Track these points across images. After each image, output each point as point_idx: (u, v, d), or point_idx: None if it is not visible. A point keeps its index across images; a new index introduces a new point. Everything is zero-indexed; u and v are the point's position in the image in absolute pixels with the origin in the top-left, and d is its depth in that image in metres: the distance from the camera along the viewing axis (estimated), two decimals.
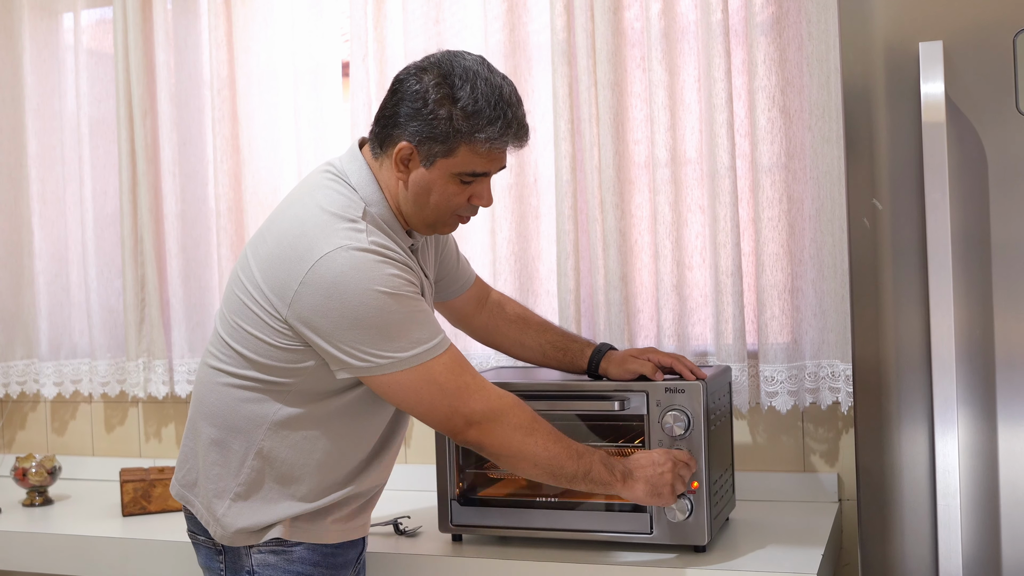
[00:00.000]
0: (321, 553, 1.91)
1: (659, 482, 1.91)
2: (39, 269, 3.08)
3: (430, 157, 1.81)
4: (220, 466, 1.89)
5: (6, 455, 3.21)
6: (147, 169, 2.90)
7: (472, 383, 1.81)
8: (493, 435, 1.81)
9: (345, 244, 1.74)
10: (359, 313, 1.72)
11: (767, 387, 2.42)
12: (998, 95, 1.73)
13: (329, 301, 1.73)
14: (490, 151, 1.81)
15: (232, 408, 1.87)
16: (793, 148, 2.41)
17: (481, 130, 1.78)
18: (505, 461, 1.85)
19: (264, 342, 1.81)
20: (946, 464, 1.73)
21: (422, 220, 1.87)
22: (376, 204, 1.84)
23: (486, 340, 2.28)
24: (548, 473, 1.85)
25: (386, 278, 1.74)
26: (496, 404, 1.81)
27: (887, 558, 1.82)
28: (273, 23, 2.87)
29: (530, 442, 1.82)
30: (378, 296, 1.73)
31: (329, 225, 1.77)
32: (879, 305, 1.81)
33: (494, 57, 2.61)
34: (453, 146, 1.79)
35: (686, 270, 2.49)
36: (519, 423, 1.82)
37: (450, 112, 1.78)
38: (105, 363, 3.00)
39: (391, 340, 1.75)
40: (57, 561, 2.42)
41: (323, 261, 1.73)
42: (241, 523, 1.87)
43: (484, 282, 2.28)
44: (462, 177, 1.83)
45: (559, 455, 1.83)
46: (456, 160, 1.81)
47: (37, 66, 3.07)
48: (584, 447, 1.87)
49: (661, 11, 2.45)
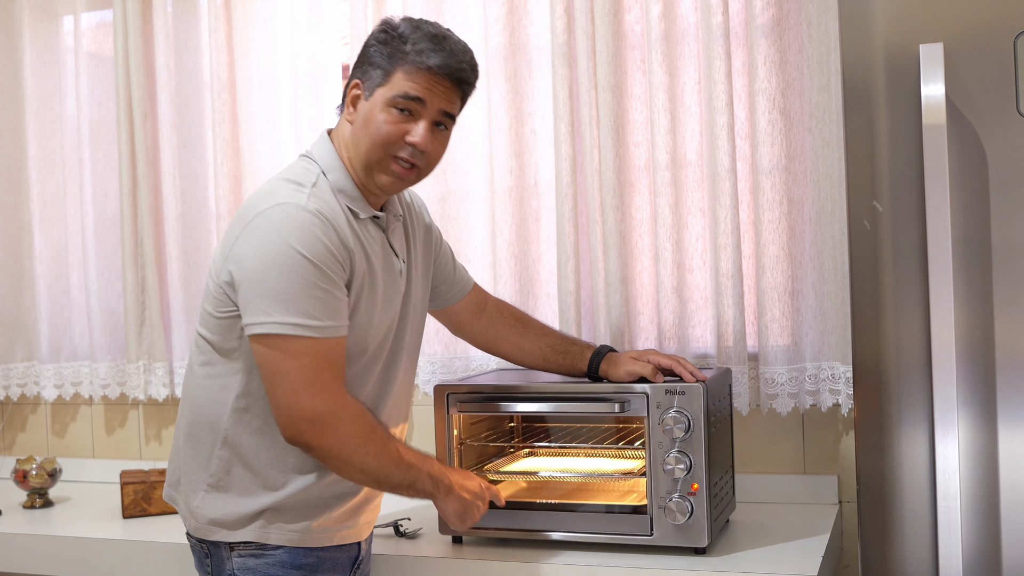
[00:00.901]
0: (303, 557, 1.89)
1: (469, 510, 1.94)
2: (39, 272, 3.08)
3: (370, 88, 1.86)
4: (193, 459, 1.91)
5: (6, 457, 3.21)
6: (147, 172, 2.91)
7: (330, 382, 1.78)
8: (323, 438, 1.77)
9: (285, 201, 1.79)
10: (269, 264, 1.75)
11: (767, 389, 2.42)
12: (999, 97, 1.73)
13: (251, 249, 1.77)
14: (420, 72, 1.83)
15: (199, 397, 1.90)
16: (793, 150, 2.41)
17: (412, 45, 1.83)
18: (332, 464, 1.82)
19: (213, 316, 1.86)
20: (946, 466, 1.73)
21: (363, 161, 1.88)
22: (335, 171, 1.89)
23: (486, 346, 2.28)
24: (373, 480, 1.84)
25: (309, 241, 1.76)
26: (340, 410, 1.77)
27: (887, 560, 1.82)
28: (273, 26, 2.87)
29: (362, 451, 1.79)
30: (291, 253, 1.74)
31: (278, 188, 1.84)
32: (879, 307, 1.81)
33: (494, 59, 2.61)
34: (389, 70, 1.84)
35: (686, 272, 2.49)
36: (357, 431, 1.79)
37: (387, 38, 1.86)
38: (105, 365, 3.00)
39: (283, 300, 1.75)
40: (57, 563, 2.41)
41: (262, 215, 1.78)
42: (213, 514, 1.88)
43: (482, 289, 2.28)
44: (396, 102, 1.84)
45: (387, 465, 1.81)
46: (391, 86, 1.84)
47: (37, 69, 3.07)
48: (417, 457, 1.86)
49: (661, 13, 2.45)
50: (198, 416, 1.90)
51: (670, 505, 2.00)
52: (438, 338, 2.70)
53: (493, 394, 2.15)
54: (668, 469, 2.00)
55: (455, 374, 2.67)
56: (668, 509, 2.00)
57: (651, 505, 2.03)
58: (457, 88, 1.89)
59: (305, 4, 2.83)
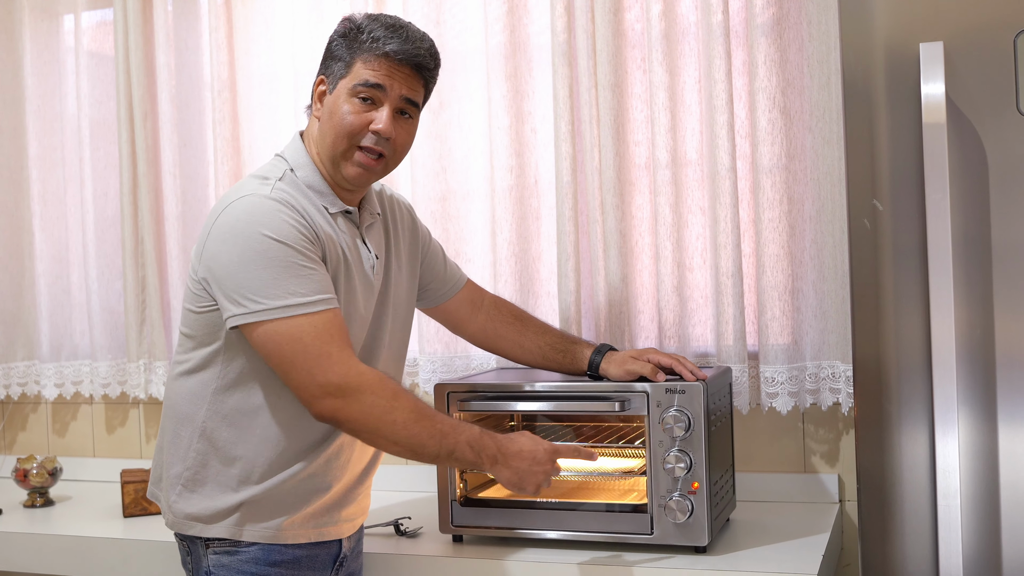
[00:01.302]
0: (278, 554, 1.89)
1: (527, 477, 1.86)
2: (40, 271, 3.08)
3: (333, 80, 1.89)
4: (172, 455, 1.92)
5: (7, 456, 3.21)
6: (148, 171, 2.91)
7: (336, 354, 1.76)
8: (349, 410, 1.75)
9: (248, 194, 1.81)
10: (243, 255, 1.76)
11: (768, 388, 2.42)
12: (999, 96, 1.73)
13: (223, 244, 1.78)
14: (379, 59, 1.86)
15: (179, 395, 1.91)
16: (794, 149, 2.41)
17: (370, 34, 1.86)
18: (364, 437, 1.80)
19: (191, 312, 1.88)
20: (946, 464, 1.73)
21: (330, 155, 1.89)
22: (303, 168, 1.90)
23: (485, 344, 2.28)
24: (408, 451, 1.79)
25: (276, 223, 1.77)
26: (355, 380, 1.76)
27: (888, 558, 1.83)
28: (274, 25, 2.87)
29: (388, 420, 1.76)
30: (263, 240, 1.75)
31: (244, 184, 1.87)
32: (880, 306, 1.81)
33: (494, 58, 2.61)
34: (350, 61, 1.87)
35: (687, 271, 2.49)
36: (378, 401, 1.75)
37: (346, 30, 1.90)
38: (106, 364, 3.00)
39: (266, 286, 1.75)
40: (58, 562, 2.42)
41: (227, 210, 1.80)
42: (190, 508, 1.88)
43: (477, 285, 2.28)
44: (358, 91, 1.86)
45: (419, 434, 1.77)
46: (352, 76, 1.87)
47: (38, 68, 3.07)
48: (453, 426, 1.81)
49: (662, 12, 2.45)
50: (177, 412, 1.91)
51: (670, 504, 2.00)
52: (438, 337, 2.70)
53: (493, 393, 2.15)
54: (668, 468, 2.00)
55: (455, 373, 2.67)
56: (668, 508, 2.00)
57: (651, 504, 2.03)
58: (417, 75, 1.90)
59: (305, 3, 2.82)
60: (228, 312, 1.78)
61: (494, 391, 2.15)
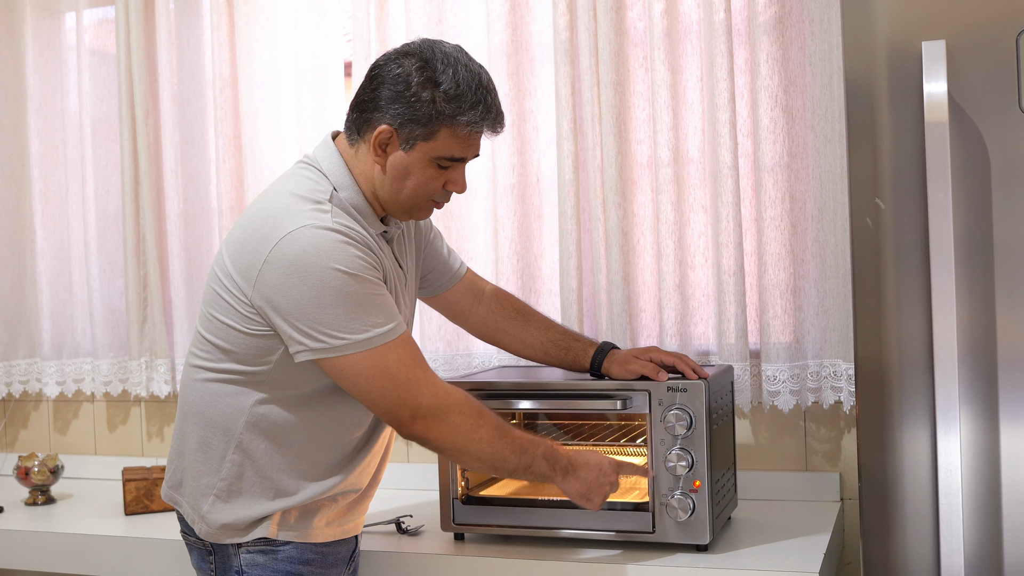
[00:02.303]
0: (311, 552, 1.90)
1: (594, 489, 1.93)
2: (41, 268, 3.08)
3: (410, 140, 1.82)
4: (203, 464, 1.90)
5: (9, 454, 3.22)
6: (149, 168, 2.91)
7: (423, 377, 1.80)
8: (438, 430, 1.80)
9: (308, 223, 1.76)
10: (317, 291, 1.73)
11: (769, 386, 2.42)
12: (1001, 94, 1.73)
13: (289, 279, 1.74)
14: (469, 135, 1.83)
15: (211, 403, 1.88)
16: (796, 147, 2.41)
17: (463, 113, 1.80)
18: (449, 454, 1.86)
19: (235, 330, 1.83)
20: (948, 463, 1.73)
21: (399, 205, 1.88)
22: (346, 188, 1.86)
23: (485, 336, 2.28)
24: (490, 467, 1.87)
25: (346, 258, 1.75)
26: (443, 400, 1.81)
27: (889, 557, 1.82)
28: (275, 23, 2.87)
29: (474, 438, 1.82)
30: (337, 275, 1.73)
31: (295, 206, 1.80)
32: (881, 304, 1.81)
33: (496, 56, 2.61)
34: (434, 129, 1.81)
35: (688, 269, 2.49)
36: (464, 420, 1.81)
37: (433, 95, 1.80)
38: (107, 362, 3.01)
39: (346, 321, 1.75)
40: (59, 560, 2.42)
41: (286, 240, 1.75)
42: (225, 519, 1.88)
43: (477, 275, 2.28)
44: (440, 161, 1.84)
45: (502, 451, 1.84)
46: (436, 144, 1.82)
47: (39, 65, 3.08)
48: (530, 440, 1.87)
49: (664, 10, 2.45)
50: (208, 421, 1.88)
51: (672, 502, 2.00)
52: (440, 335, 2.70)
53: (495, 391, 2.15)
54: (670, 466, 2.00)
55: (457, 371, 2.67)
56: (670, 506, 2.00)
57: (653, 502, 2.03)
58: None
59: (307, 1, 2.83)
60: (301, 346, 1.77)
61: (496, 389, 2.15)
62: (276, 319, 1.77)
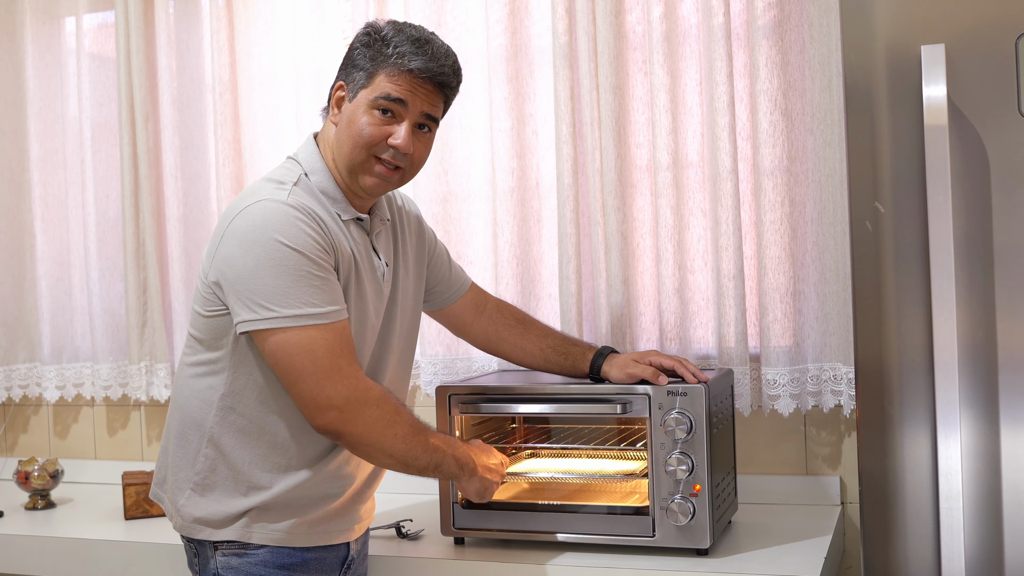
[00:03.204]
0: (288, 556, 1.89)
1: (489, 488, 2.01)
2: (41, 273, 3.08)
3: (354, 89, 1.88)
4: (181, 458, 1.92)
5: (8, 458, 3.21)
6: (149, 173, 2.91)
7: (346, 368, 1.79)
8: (353, 423, 1.78)
9: (264, 199, 1.80)
10: (258, 261, 1.75)
11: (769, 390, 2.42)
12: (1000, 98, 1.73)
13: (237, 248, 1.77)
14: (401, 74, 1.84)
15: (189, 398, 1.91)
16: (795, 151, 2.41)
17: (395, 48, 1.84)
18: (361, 451, 1.83)
19: (200, 315, 1.87)
20: (949, 467, 1.73)
21: (346, 163, 1.89)
22: (317, 173, 1.90)
23: (487, 347, 2.28)
24: (401, 464, 1.85)
25: (292, 232, 1.76)
26: (362, 394, 1.79)
27: (890, 561, 1.82)
28: (275, 26, 2.87)
29: (388, 435, 1.81)
30: (279, 247, 1.75)
31: (259, 187, 1.86)
32: (881, 308, 1.81)
33: (496, 61, 2.62)
34: (372, 72, 1.85)
35: (688, 273, 2.49)
36: (381, 415, 1.80)
37: (370, 40, 1.87)
38: (107, 366, 3.00)
39: (280, 294, 1.75)
40: (59, 564, 2.41)
41: (241, 214, 1.79)
42: (198, 512, 1.88)
43: (481, 289, 2.28)
44: (378, 104, 1.85)
45: (415, 449, 1.84)
46: (373, 87, 1.85)
47: (39, 70, 3.08)
48: (441, 441, 1.89)
49: (663, 14, 2.45)
50: (185, 414, 1.91)
51: (672, 506, 2.00)
52: (440, 339, 2.70)
53: (495, 395, 2.15)
54: (670, 470, 2.00)
55: (457, 375, 2.67)
56: (670, 510, 2.00)
57: (653, 506, 2.03)
58: (439, 91, 1.90)
59: (306, 4, 2.83)
60: (239, 317, 1.78)
61: (495, 394, 2.15)
62: (225, 293, 1.80)
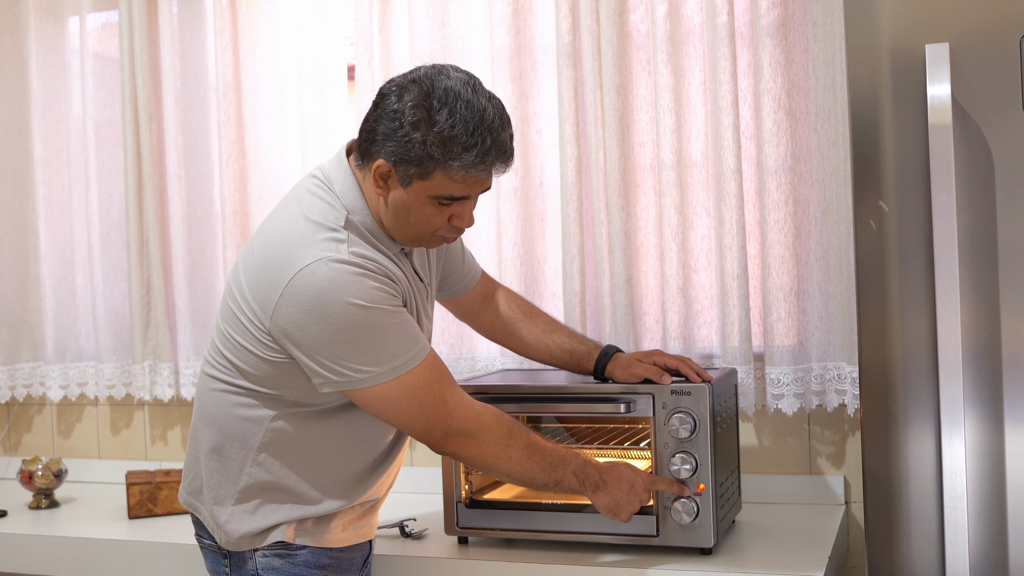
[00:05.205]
0: (326, 556, 1.91)
1: (623, 504, 1.95)
2: (45, 272, 3.08)
3: (407, 178, 1.76)
4: (220, 473, 1.89)
5: (12, 458, 3.22)
6: (153, 172, 2.91)
7: (451, 400, 1.81)
8: (469, 448, 1.84)
9: (324, 256, 1.73)
10: (336, 327, 1.72)
11: (773, 389, 2.42)
12: (1005, 97, 1.73)
13: (308, 315, 1.72)
14: (466, 177, 1.76)
15: (228, 414, 1.87)
16: (799, 150, 2.40)
17: (455, 158, 1.73)
18: (482, 470, 1.92)
19: (253, 354, 1.82)
20: (953, 466, 1.73)
21: (404, 236, 1.85)
22: (359, 212, 1.82)
23: (492, 336, 2.28)
24: (520, 482, 1.91)
25: (364, 291, 1.73)
26: (473, 423, 1.83)
27: (894, 560, 1.82)
28: (278, 26, 2.87)
29: (504, 457, 1.85)
30: (355, 310, 1.72)
31: (310, 235, 1.76)
32: (886, 307, 1.80)
33: (499, 60, 2.61)
34: (428, 170, 1.74)
35: (692, 272, 2.49)
36: (494, 439, 1.84)
37: (425, 137, 1.72)
38: (111, 366, 3.01)
39: (368, 354, 1.74)
40: (63, 564, 2.42)
41: (302, 274, 1.72)
42: (244, 529, 1.88)
43: (490, 277, 2.29)
44: (439, 200, 1.79)
45: (531, 468, 1.87)
46: (432, 184, 1.76)
47: (43, 70, 3.08)
48: (561, 458, 1.90)
49: (666, 14, 2.45)
50: (225, 431, 1.88)
51: (676, 505, 2.00)
52: (443, 339, 2.70)
53: (498, 395, 2.15)
54: (674, 470, 2.00)
55: (460, 375, 2.67)
56: (674, 509, 2.00)
57: (657, 505, 2.03)
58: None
59: (310, 4, 2.83)
60: (323, 379, 1.77)
61: (499, 393, 2.15)
62: (296, 352, 1.76)
